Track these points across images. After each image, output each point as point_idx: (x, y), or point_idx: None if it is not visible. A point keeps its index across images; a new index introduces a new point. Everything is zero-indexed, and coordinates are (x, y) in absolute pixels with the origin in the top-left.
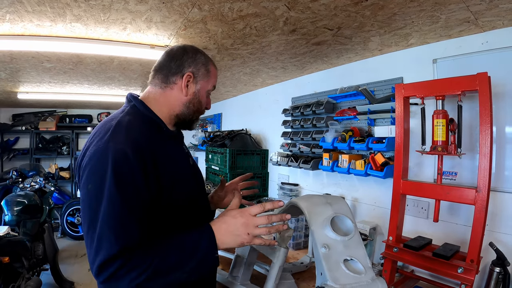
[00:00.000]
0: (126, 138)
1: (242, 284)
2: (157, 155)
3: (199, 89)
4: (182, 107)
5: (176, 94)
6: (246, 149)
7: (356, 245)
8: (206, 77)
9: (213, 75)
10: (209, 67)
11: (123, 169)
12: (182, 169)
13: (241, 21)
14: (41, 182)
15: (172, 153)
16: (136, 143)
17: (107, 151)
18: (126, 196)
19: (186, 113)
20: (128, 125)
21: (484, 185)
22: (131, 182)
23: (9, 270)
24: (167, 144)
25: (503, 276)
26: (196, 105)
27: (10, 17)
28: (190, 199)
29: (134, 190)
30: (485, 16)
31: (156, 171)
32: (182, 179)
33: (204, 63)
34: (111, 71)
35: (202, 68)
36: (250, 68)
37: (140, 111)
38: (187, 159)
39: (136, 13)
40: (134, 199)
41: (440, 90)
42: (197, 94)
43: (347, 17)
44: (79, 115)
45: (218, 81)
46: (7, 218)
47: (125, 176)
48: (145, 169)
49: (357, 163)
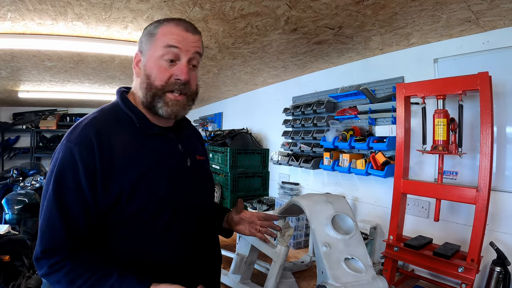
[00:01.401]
0: (78, 136)
1: (243, 282)
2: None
3: (145, 61)
4: (139, 91)
5: (135, 80)
6: (246, 148)
7: (357, 244)
8: (149, 43)
9: (161, 35)
10: (156, 30)
11: (66, 169)
12: (161, 170)
13: (242, 20)
14: (41, 181)
15: (145, 152)
16: (87, 141)
17: (59, 149)
18: (62, 198)
19: (143, 98)
20: (87, 123)
21: (485, 185)
22: (71, 183)
23: (9, 268)
24: (140, 142)
25: (503, 275)
26: (145, 81)
27: (12, 15)
28: (174, 205)
29: (73, 192)
30: (486, 15)
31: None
32: (155, 183)
33: (149, 30)
34: (112, 70)
35: (144, 37)
36: (251, 67)
37: (118, 107)
38: (182, 160)
39: (137, 12)
40: (70, 201)
41: (441, 90)
42: (143, 68)
43: (348, 16)
44: (80, 114)
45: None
46: (8, 217)
47: (66, 176)
48: (93, 171)
49: (358, 162)
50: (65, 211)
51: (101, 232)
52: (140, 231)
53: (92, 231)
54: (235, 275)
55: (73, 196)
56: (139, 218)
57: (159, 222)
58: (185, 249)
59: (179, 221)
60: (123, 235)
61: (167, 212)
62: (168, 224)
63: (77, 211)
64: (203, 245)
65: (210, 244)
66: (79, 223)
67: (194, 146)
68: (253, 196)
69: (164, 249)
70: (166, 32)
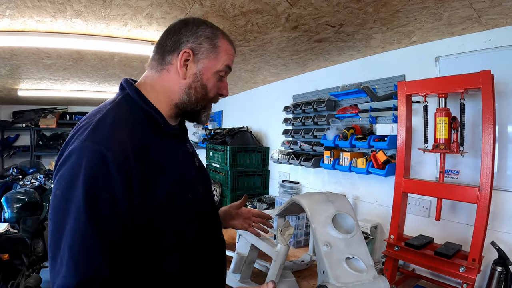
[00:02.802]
0: (108, 138)
1: (243, 282)
2: (150, 161)
3: (202, 70)
4: (181, 93)
5: (174, 78)
6: (247, 147)
7: (358, 243)
8: (211, 53)
9: (223, 51)
10: (217, 41)
11: (99, 179)
12: (186, 174)
13: (243, 18)
14: (41, 179)
15: (172, 155)
16: (121, 145)
17: (82, 153)
18: (97, 216)
19: (187, 102)
20: (113, 121)
21: (487, 184)
22: (106, 198)
23: (9, 267)
24: (166, 145)
25: (504, 275)
26: (199, 91)
27: (10, 12)
28: (195, 211)
29: (109, 209)
30: (488, 14)
31: (146, 183)
32: (185, 188)
33: (208, 36)
34: (112, 68)
35: (206, 43)
36: (251, 65)
37: (134, 102)
38: (193, 161)
39: (137, 9)
40: (108, 220)
41: (443, 88)
42: (199, 76)
43: (350, 13)
44: (80, 112)
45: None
46: (7, 215)
47: (100, 189)
48: (129, 181)
49: (359, 161)
50: (103, 231)
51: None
52: (177, 241)
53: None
54: (234, 274)
55: (109, 212)
56: (176, 227)
57: (191, 228)
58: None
59: (203, 227)
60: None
61: (196, 218)
62: (198, 229)
63: (116, 234)
64: (222, 245)
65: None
66: (118, 244)
67: (192, 146)
68: (253, 195)
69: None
70: (227, 49)
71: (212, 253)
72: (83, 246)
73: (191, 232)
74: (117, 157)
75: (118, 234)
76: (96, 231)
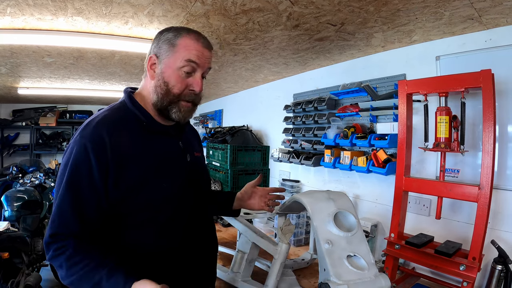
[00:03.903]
0: (91, 133)
1: (243, 280)
2: (125, 152)
3: (163, 68)
4: (152, 93)
5: (148, 81)
6: (247, 145)
7: (359, 241)
8: (170, 52)
9: (182, 48)
10: (176, 40)
11: (80, 162)
12: (166, 166)
13: (244, 16)
14: (41, 177)
15: (152, 149)
16: (99, 138)
17: (73, 144)
18: (75, 188)
19: (156, 100)
20: (99, 121)
21: (487, 183)
22: (85, 175)
23: (8, 265)
24: (148, 140)
25: (505, 274)
26: (163, 87)
27: (11, 10)
28: (169, 199)
29: (86, 184)
30: (489, 13)
31: (120, 167)
32: (160, 177)
33: (168, 38)
34: (112, 66)
35: (165, 45)
36: (252, 63)
37: (125, 106)
38: (183, 156)
39: (138, 7)
40: (84, 191)
41: (444, 87)
42: (161, 75)
43: (351, 12)
44: (80, 111)
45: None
46: (7, 214)
47: (80, 169)
48: (105, 165)
49: (359, 159)
50: (77, 201)
51: (109, 223)
52: (145, 223)
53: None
54: (235, 272)
55: (86, 188)
56: (145, 211)
57: (162, 214)
58: (185, 240)
59: (179, 213)
60: (129, 226)
61: (170, 205)
62: (170, 216)
63: (89, 203)
64: (200, 235)
65: (206, 234)
66: (90, 214)
67: (191, 143)
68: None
69: (165, 241)
70: (187, 45)
71: (189, 238)
72: (60, 207)
73: (163, 215)
74: (95, 146)
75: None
76: (72, 201)
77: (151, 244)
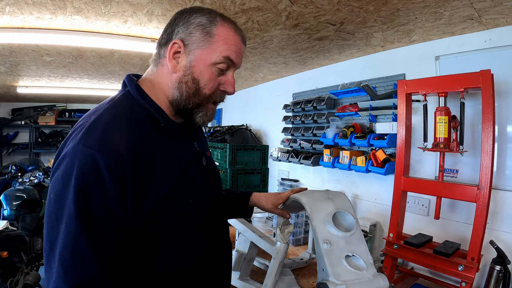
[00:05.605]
0: (101, 140)
1: (242, 279)
2: (147, 162)
3: (192, 61)
4: (173, 89)
5: (166, 72)
6: (246, 145)
7: (357, 241)
8: (204, 43)
9: (220, 40)
10: (212, 28)
11: (89, 183)
12: (188, 177)
13: (243, 15)
14: (40, 176)
15: (173, 157)
16: (113, 147)
17: (75, 157)
18: (88, 221)
19: (179, 99)
20: (107, 122)
21: (486, 183)
22: (98, 202)
23: (7, 264)
24: (167, 145)
25: (503, 274)
26: (191, 85)
27: (10, 9)
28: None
29: (101, 213)
30: (489, 13)
31: (142, 184)
32: (186, 191)
33: (202, 23)
34: (111, 65)
35: (197, 31)
36: (251, 63)
37: (134, 100)
38: (199, 161)
39: (137, 6)
40: (99, 225)
41: (443, 87)
42: (189, 69)
43: (350, 12)
44: (79, 110)
45: None
46: (6, 213)
47: (90, 191)
48: (123, 183)
49: (358, 159)
50: (94, 235)
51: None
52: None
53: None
54: (234, 271)
55: (103, 218)
56: (173, 228)
57: (191, 229)
58: (212, 253)
59: (207, 225)
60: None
61: (198, 218)
62: (199, 229)
63: (108, 234)
64: (224, 244)
65: (224, 243)
66: (111, 248)
67: (202, 141)
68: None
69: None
70: (227, 38)
71: (211, 251)
72: (73, 252)
73: (188, 234)
74: (109, 160)
75: (111, 237)
76: (87, 236)
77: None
